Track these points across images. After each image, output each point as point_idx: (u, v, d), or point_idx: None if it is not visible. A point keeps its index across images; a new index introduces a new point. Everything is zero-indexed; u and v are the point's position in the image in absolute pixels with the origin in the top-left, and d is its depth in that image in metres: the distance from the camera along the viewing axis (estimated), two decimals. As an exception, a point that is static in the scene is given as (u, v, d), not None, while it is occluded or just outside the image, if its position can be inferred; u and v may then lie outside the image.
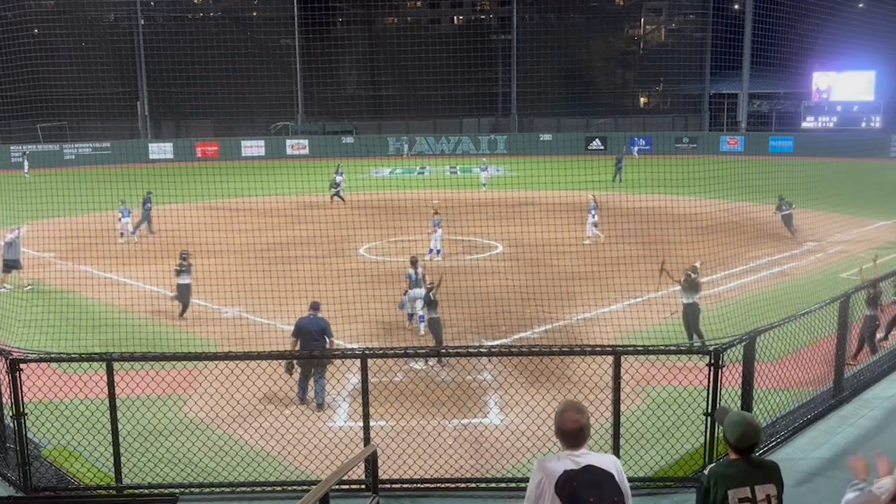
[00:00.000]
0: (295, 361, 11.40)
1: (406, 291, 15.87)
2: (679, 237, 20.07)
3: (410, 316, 15.99)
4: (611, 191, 33.28)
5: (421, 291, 15.40)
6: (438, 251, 22.66)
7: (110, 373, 7.15)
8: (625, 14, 65.40)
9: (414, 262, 16.01)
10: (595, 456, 3.99)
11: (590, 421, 4.02)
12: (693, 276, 14.09)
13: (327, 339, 11.99)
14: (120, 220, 25.39)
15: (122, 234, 25.39)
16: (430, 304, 14.15)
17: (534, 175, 27.73)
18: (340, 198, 32.63)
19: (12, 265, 19.69)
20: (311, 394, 11.61)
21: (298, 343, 11.81)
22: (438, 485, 7.30)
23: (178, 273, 16.80)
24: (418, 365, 13.20)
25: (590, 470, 3.96)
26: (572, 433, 3.98)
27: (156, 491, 7.40)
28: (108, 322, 15.79)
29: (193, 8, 62.50)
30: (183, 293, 16.79)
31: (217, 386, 8.06)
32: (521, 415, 8.22)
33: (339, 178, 33.77)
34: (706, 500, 4.17)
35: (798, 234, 24.30)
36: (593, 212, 24.70)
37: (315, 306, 12.33)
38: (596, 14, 62.43)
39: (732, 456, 4.22)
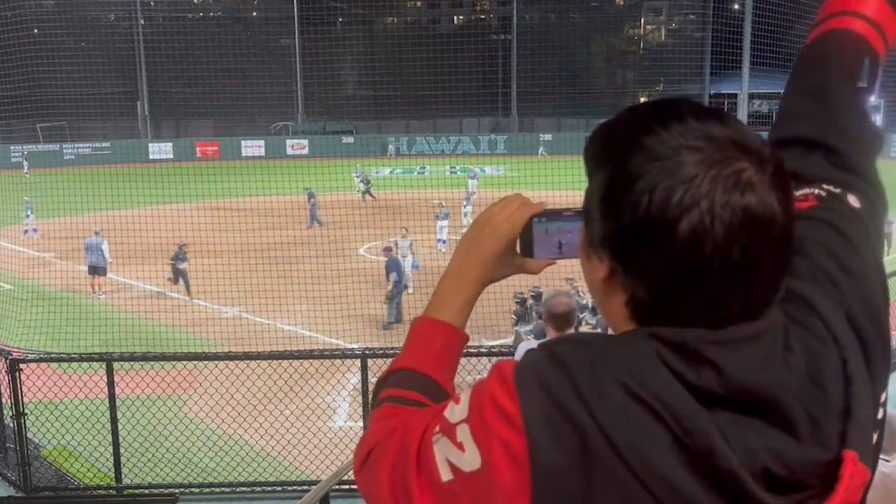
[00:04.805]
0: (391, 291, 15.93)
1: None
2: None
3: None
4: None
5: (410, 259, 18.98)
6: (444, 242, 22.76)
7: (110, 373, 7.16)
8: (625, 14, 65.36)
9: (404, 235, 19.66)
10: None
11: (576, 307, 4.41)
12: None
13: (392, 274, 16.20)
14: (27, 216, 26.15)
15: (25, 230, 26.04)
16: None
17: (534, 175, 27.72)
18: (371, 195, 32.79)
19: (95, 270, 19.69)
20: None
21: (395, 274, 16.04)
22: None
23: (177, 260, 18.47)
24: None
25: None
26: (563, 315, 4.34)
27: (156, 491, 7.41)
28: (108, 322, 15.79)
29: (193, 8, 62.47)
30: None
31: (217, 386, 8.06)
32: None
33: (357, 178, 35.67)
34: None
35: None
36: (444, 219, 23.50)
37: (388, 249, 17.32)
38: (596, 14, 62.41)
39: None
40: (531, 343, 4.59)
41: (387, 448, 0.99)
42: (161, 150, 52.71)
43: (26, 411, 7.20)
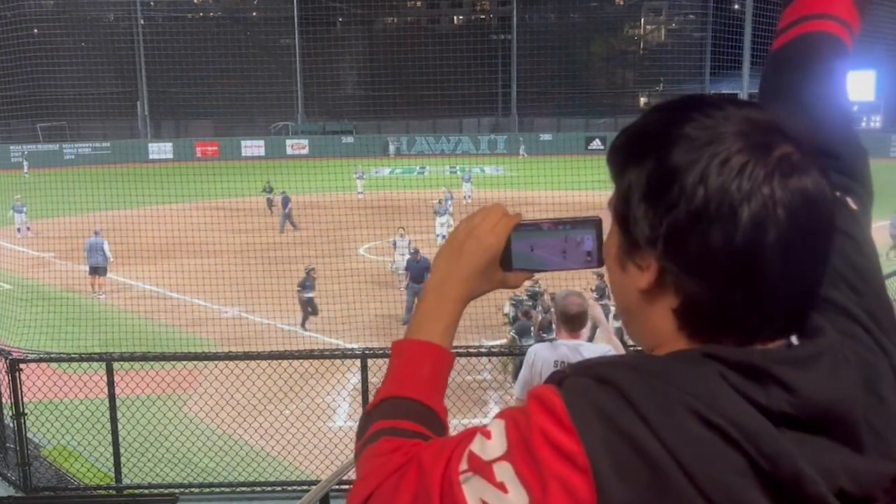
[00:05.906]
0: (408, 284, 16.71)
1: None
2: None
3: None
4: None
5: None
6: (444, 238, 22.85)
7: (110, 373, 7.16)
8: (625, 14, 65.37)
9: (402, 235, 19.91)
10: (587, 345, 4.14)
11: (588, 308, 4.37)
12: None
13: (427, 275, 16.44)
14: (15, 216, 26.52)
15: (18, 229, 26.46)
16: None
17: (533, 175, 27.72)
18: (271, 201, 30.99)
19: (96, 271, 19.64)
20: None
21: (409, 275, 16.90)
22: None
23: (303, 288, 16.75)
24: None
25: None
26: (576, 316, 4.27)
27: (156, 491, 7.41)
28: (108, 322, 15.79)
29: (193, 8, 62.48)
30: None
31: (217, 386, 8.06)
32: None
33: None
34: None
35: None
36: (443, 216, 23.68)
37: (416, 250, 17.63)
38: (596, 14, 62.42)
39: None
40: (546, 345, 4.51)
41: (399, 489, 0.89)
42: (161, 150, 52.71)
43: (26, 411, 7.20)
